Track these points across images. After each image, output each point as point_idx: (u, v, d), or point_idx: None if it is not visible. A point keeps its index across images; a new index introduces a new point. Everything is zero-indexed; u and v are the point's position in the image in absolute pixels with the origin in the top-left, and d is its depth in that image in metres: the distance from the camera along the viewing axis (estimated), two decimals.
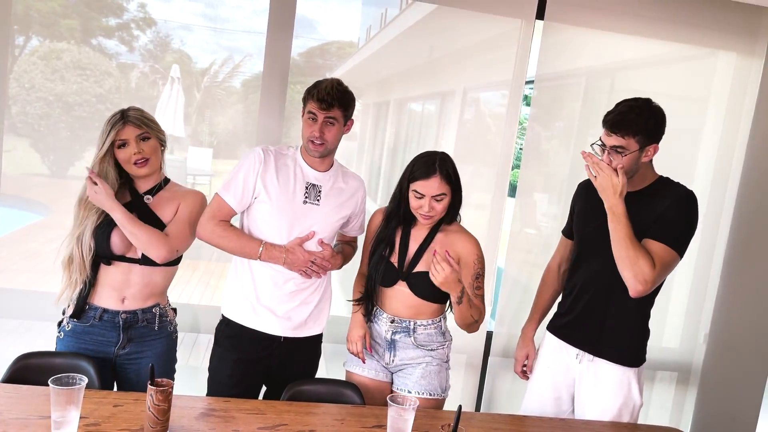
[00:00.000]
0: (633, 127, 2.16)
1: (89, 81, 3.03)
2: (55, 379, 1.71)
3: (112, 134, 2.18)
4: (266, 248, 2.31)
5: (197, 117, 3.24)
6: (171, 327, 2.38)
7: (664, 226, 2.20)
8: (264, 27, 3.04)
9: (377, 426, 2.04)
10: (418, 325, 2.37)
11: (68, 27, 2.97)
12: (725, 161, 3.44)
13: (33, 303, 3.01)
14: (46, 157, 3.07)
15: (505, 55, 3.33)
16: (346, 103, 2.34)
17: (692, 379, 3.60)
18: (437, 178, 2.24)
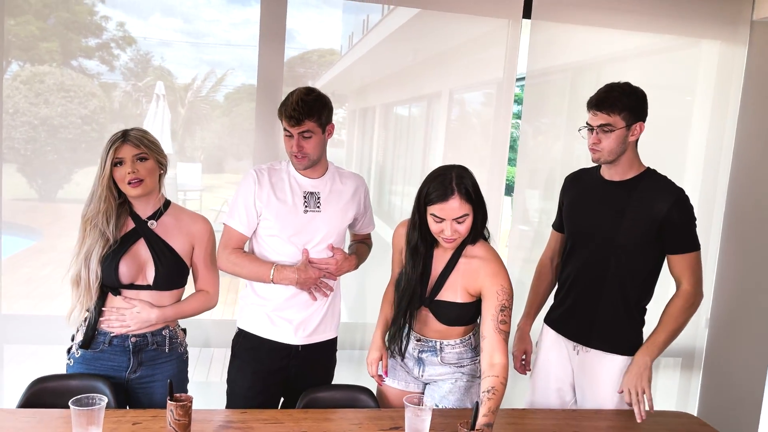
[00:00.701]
0: (618, 104, 2.22)
1: (73, 102, 3.02)
2: (75, 401, 1.75)
3: (111, 153, 2.17)
4: (277, 270, 2.33)
5: (183, 132, 3.23)
6: (181, 348, 2.37)
7: (678, 236, 2.27)
8: (244, 39, 3.05)
9: (394, 428, 2.05)
10: (445, 345, 2.27)
11: (48, 50, 2.96)
12: (715, 148, 3.45)
13: (35, 328, 3.02)
14: (34, 182, 3.06)
15: (491, 54, 3.33)
16: (318, 112, 2.29)
17: (696, 363, 3.62)
18: (456, 199, 2.05)
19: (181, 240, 2.29)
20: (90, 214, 2.21)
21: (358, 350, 3.21)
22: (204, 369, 3.26)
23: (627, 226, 2.28)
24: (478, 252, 2.19)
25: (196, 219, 2.36)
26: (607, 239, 2.32)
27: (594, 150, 2.30)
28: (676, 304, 2.29)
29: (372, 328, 2.87)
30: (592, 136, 2.29)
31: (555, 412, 2.35)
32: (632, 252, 2.30)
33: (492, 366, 2.01)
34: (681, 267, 2.30)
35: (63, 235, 3.22)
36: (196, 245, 2.33)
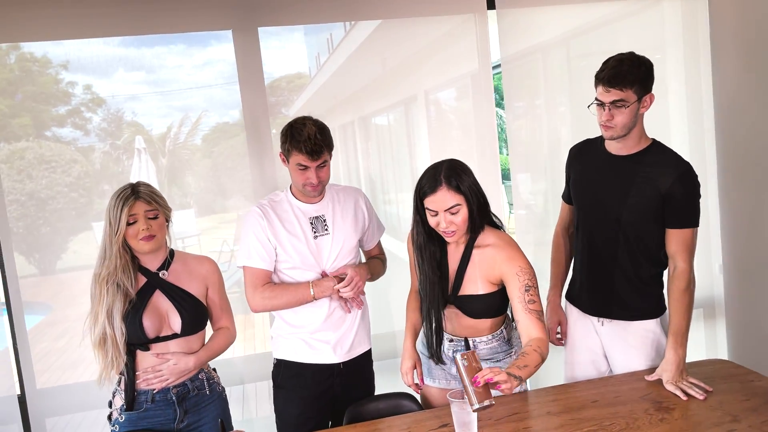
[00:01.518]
0: (629, 77, 2.15)
1: (56, 172, 3.03)
2: None
3: (126, 211, 2.16)
4: (315, 285, 2.36)
5: (169, 182, 3.23)
6: (219, 387, 2.39)
7: (680, 212, 2.24)
8: (208, 79, 3.08)
9: (443, 426, 2.06)
10: (478, 342, 2.26)
11: (20, 125, 2.98)
12: (695, 98, 3.48)
13: (71, 397, 3.03)
14: (32, 257, 3.06)
15: (461, 48, 3.35)
16: (331, 141, 2.37)
17: (717, 311, 3.63)
18: (444, 189, 2.08)
19: (195, 283, 2.32)
20: (105, 272, 2.19)
21: (390, 360, 3.22)
22: (238, 407, 3.25)
23: (633, 202, 2.26)
24: (489, 240, 2.20)
25: (202, 261, 2.39)
26: (615, 216, 2.30)
27: (607, 127, 2.22)
28: (679, 288, 2.25)
29: (400, 335, 2.89)
30: (604, 113, 2.20)
31: (593, 382, 2.36)
32: (640, 227, 2.29)
33: (529, 342, 2.06)
34: (678, 243, 2.26)
35: (71, 304, 3.23)
36: (209, 286, 2.36)
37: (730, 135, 3.41)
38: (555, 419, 2.04)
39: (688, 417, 1.98)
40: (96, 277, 2.21)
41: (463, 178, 2.10)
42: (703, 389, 2.15)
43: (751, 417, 1.95)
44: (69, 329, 3.21)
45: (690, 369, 2.26)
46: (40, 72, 2.98)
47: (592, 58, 3.52)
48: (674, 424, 1.95)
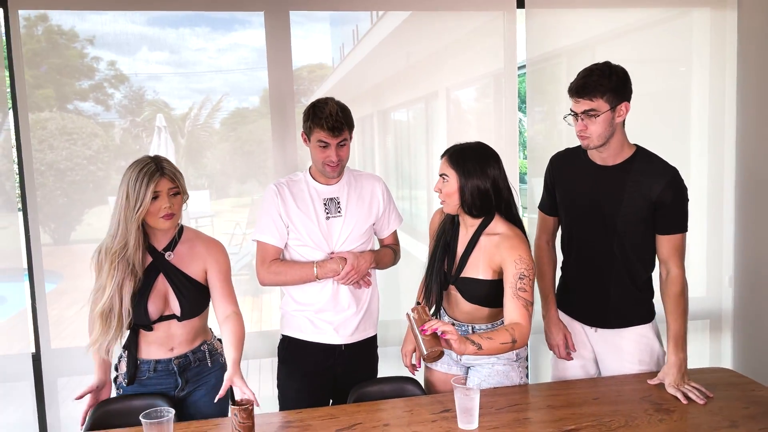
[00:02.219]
0: (599, 88, 2.16)
1: (77, 145, 3.07)
2: (145, 415, 1.85)
3: (152, 186, 2.11)
4: (319, 266, 2.42)
5: (186, 162, 3.26)
6: (222, 359, 2.38)
7: (671, 217, 2.25)
8: (231, 64, 3.11)
9: (445, 410, 2.11)
10: (477, 329, 2.31)
11: (44, 96, 3.02)
12: (718, 111, 3.44)
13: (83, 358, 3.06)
14: (47, 227, 3.11)
15: (486, 47, 3.33)
16: (351, 122, 2.43)
17: (724, 323, 3.61)
18: (445, 158, 2.26)
19: (196, 267, 2.29)
20: (118, 246, 2.14)
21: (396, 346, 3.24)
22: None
23: (626, 212, 2.26)
24: (500, 229, 2.25)
25: (210, 244, 2.33)
26: (608, 225, 2.30)
27: (582, 137, 2.25)
28: (675, 293, 2.27)
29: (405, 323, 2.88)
30: (578, 123, 2.24)
31: (595, 380, 2.41)
32: (633, 235, 2.29)
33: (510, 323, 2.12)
34: (669, 248, 2.27)
35: (82, 276, 3.26)
36: (210, 269, 2.30)
37: (751, 149, 3.38)
38: (555, 412, 2.09)
39: (686, 420, 2.02)
40: (107, 251, 2.16)
41: (467, 159, 2.20)
42: (704, 394, 2.16)
43: (749, 423, 1.98)
44: (79, 299, 3.24)
45: (692, 376, 2.28)
46: (66, 45, 3.02)
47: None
48: (672, 426, 1.98)
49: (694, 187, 3.53)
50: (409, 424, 2.03)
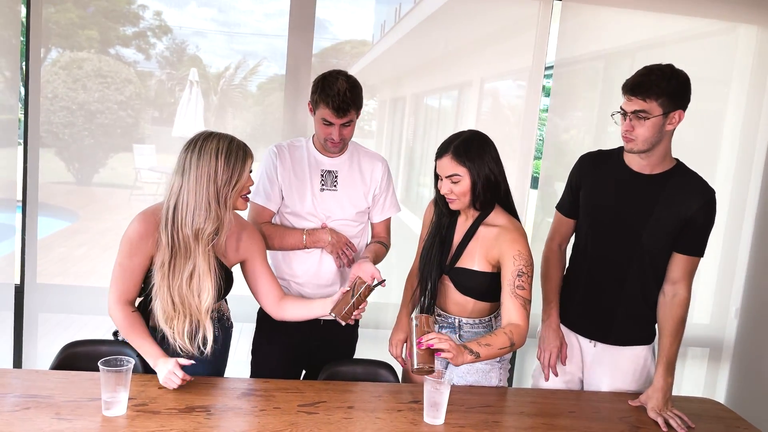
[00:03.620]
0: (655, 89, 2.02)
1: (110, 89, 3.08)
2: (104, 362, 1.80)
3: (249, 162, 2.00)
4: (309, 233, 2.38)
5: (216, 120, 3.27)
6: (228, 323, 2.30)
7: (697, 239, 2.16)
8: (276, 30, 3.07)
9: (413, 401, 2.07)
10: (464, 323, 2.27)
11: (87, 37, 3.02)
12: (750, 136, 3.40)
13: (68, 298, 3.13)
14: (71, 165, 3.13)
15: (523, 41, 3.30)
16: (359, 102, 2.33)
17: (724, 354, 3.59)
18: (448, 158, 2.10)
19: (234, 256, 2.18)
20: (212, 228, 1.98)
21: (380, 330, 3.23)
22: None
23: (653, 226, 2.16)
24: (499, 221, 2.19)
25: (252, 234, 2.21)
26: (633, 238, 2.19)
27: (627, 138, 2.11)
28: (679, 316, 2.17)
29: (393, 308, 2.90)
30: (625, 123, 2.09)
31: (575, 393, 2.34)
32: (657, 252, 2.20)
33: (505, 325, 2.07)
34: (685, 269, 2.18)
35: (97, 218, 3.32)
36: (254, 259, 2.20)
37: None
38: (527, 420, 2.04)
39: None
40: (198, 232, 1.96)
41: (473, 152, 2.10)
42: (686, 424, 2.08)
43: None
44: (90, 240, 3.30)
45: (679, 402, 2.22)
46: None
47: None
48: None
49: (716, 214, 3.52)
50: (374, 410, 2.00)
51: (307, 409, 1.96)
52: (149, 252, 2.02)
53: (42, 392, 1.92)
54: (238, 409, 1.94)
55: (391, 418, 1.96)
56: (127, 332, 2.05)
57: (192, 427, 1.79)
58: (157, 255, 2.00)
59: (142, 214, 2.04)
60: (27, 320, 3.06)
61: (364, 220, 2.52)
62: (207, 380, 2.09)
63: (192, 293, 1.99)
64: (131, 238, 2.01)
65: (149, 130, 3.23)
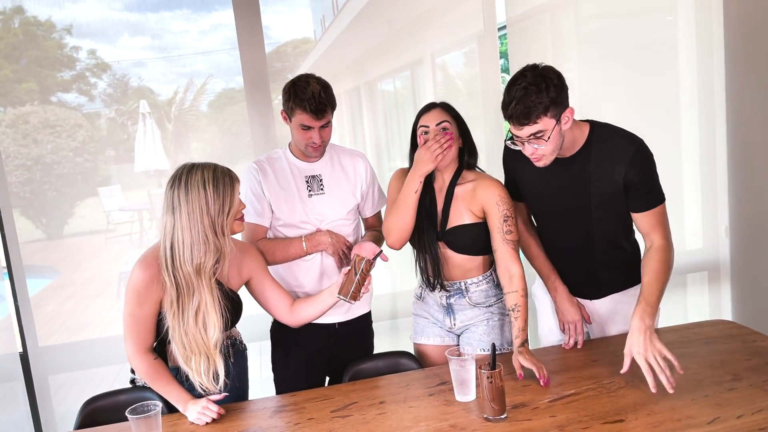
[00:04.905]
0: (539, 107, 1.93)
1: (62, 137, 3.02)
2: (131, 410, 1.78)
3: (237, 187, 2.01)
4: (308, 239, 2.37)
5: (175, 147, 3.23)
6: (242, 347, 2.31)
7: (643, 194, 2.08)
8: (215, 45, 3.05)
9: (441, 383, 2.10)
10: (469, 284, 2.35)
11: (26, 90, 2.96)
12: (706, 57, 3.40)
13: (74, 355, 3.08)
14: (39, 222, 3.08)
15: (468, 8, 3.27)
16: (333, 102, 2.33)
17: (723, 274, 3.62)
18: (438, 110, 2.28)
19: (237, 279, 2.16)
20: (212, 261, 1.97)
21: (396, 320, 3.26)
22: None
23: (596, 201, 2.12)
24: (469, 177, 2.32)
25: (247, 251, 2.21)
26: (583, 214, 2.17)
27: (535, 159, 2.05)
28: (656, 258, 2.07)
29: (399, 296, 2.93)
30: (525, 148, 2.02)
31: (593, 342, 2.34)
32: (609, 218, 2.16)
33: (510, 280, 2.21)
34: (649, 223, 2.11)
35: (78, 269, 3.26)
36: (256, 276, 2.20)
37: (742, 96, 3.35)
38: (554, 377, 2.05)
39: (688, 376, 1.97)
40: (198, 267, 1.95)
41: (455, 113, 2.31)
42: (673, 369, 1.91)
43: (752, 376, 1.95)
44: (75, 293, 3.24)
45: (692, 329, 2.23)
46: (45, 36, 2.95)
47: (604, 20, 3.48)
48: (674, 382, 1.91)
49: (687, 139, 3.53)
50: (405, 400, 2.01)
51: (341, 413, 1.98)
52: (158, 297, 2.00)
53: None
54: (274, 427, 1.94)
55: (424, 404, 1.98)
56: (153, 380, 2.02)
57: None
58: (165, 297, 1.98)
59: (142, 260, 2.01)
60: (38, 386, 3.02)
61: (355, 217, 2.53)
62: (235, 406, 2.09)
63: (198, 329, 1.97)
64: (137, 287, 1.98)
65: (110, 171, 3.18)
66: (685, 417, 1.76)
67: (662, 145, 3.50)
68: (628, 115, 3.24)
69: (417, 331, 2.49)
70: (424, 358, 2.46)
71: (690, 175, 3.53)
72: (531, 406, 1.89)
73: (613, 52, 3.35)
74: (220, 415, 1.98)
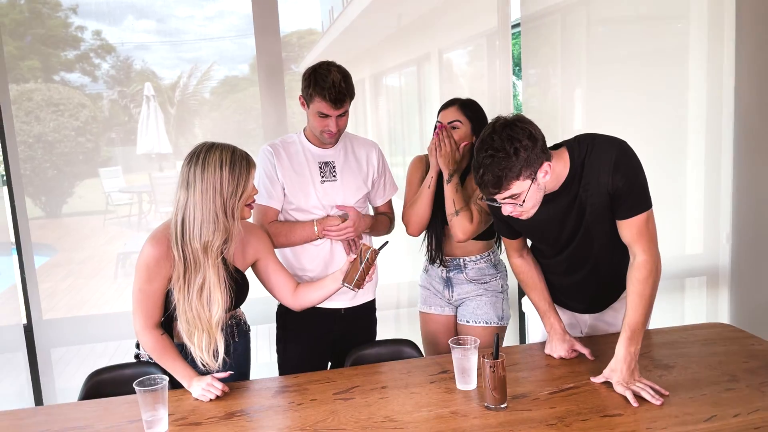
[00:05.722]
0: (511, 174, 1.83)
1: (65, 116, 3.02)
2: (139, 382, 1.80)
3: (253, 172, 2.01)
4: (319, 223, 2.38)
5: (176, 132, 3.22)
6: (245, 327, 2.32)
7: (628, 200, 1.95)
8: (220, 32, 3.04)
9: (442, 372, 2.14)
10: (468, 261, 2.60)
11: (29, 68, 2.96)
12: (716, 65, 3.40)
13: (76, 329, 3.11)
14: (38, 200, 3.08)
15: (479, 5, 3.26)
16: (352, 91, 2.34)
17: (721, 280, 3.63)
18: (453, 108, 2.50)
19: (244, 259, 2.18)
20: (220, 240, 1.99)
21: (399, 309, 3.29)
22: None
23: (592, 219, 2.01)
24: None
25: (257, 234, 2.22)
26: (584, 239, 2.08)
27: (517, 215, 1.96)
28: (637, 278, 1.97)
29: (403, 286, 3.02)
30: (504, 208, 1.93)
31: (593, 338, 2.33)
32: (607, 234, 2.05)
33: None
34: (632, 232, 1.98)
35: (76, 248, 3.27)
36: (264, 258, 2.21)
37: (750, 104, 3.34)
38: (554, 371, 2.09)
39: (686, 375, 2.01)
40: (207, 245, 1.97)
41: (474, 108, 2.51)
42: (659, 393, 1.88)
43: (749, 378, 1.97)
44: (74, 271, 3.25)
45: (691, 331, 2.26)
46: (50, 15, 2.95)
47: (613, 25, 3.45)
48: (672, 381, 1.96)
49: (693, 144, 3.51)
50: (407, 386, 2.04)
51: (343, 395, 2.00)
52: (167, 273, 2.02)
53: (79, 423, 1.91)
54: (277, 407, 1.97)
55: (425, 390, 2.01)
56: (159, 356, 2.06)
57: (238, 431, 1.82)
58: (174, 272, 2.00)
59: (153, 237, 2.03)
60: (40, 357, 3.06)
61: (365, 205, 2.56)
62: (238, 385, 2.12)
63: (203, 306, 2.00)
64: (147, 263, 2.00)
65: (112, 152, 3.18)
66: (683, 414, 1.78)
67: (668, 150, 3.51)
68: (635, 119, 3.23)
69: (421, 301, 2.74)
70: (425, 325, 2.72)
71: (694, 181, 3.53)
72: (531, 397, 1.92)
73: (622, 57, 3.34)
74: (223, 392, 2.01)
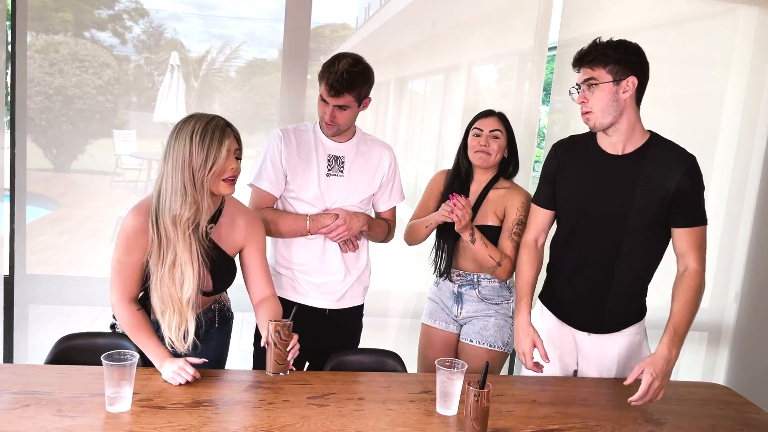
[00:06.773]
0: (601, 57, 2.02)
1: (88, 73, 3.02)
2: (107, 356, 1.74)
3: (226, 143, 1.89)
4: (312, 219, 2.34)
5: (197, 105, 3.21)
6: (229, 313, 2.28)
7: (691, 209, 2.07)
8: (252, 13, 3.02)
9: (424, 392, 2.06)
10: (482, 278, 2.54)
11: (61, 20, 2.95)
12: (750, 120, 3.35)
13: (58, 288, 3.09)
14: (49, 152, 3.07)
15: (516, 23, 3.24)
16: (359, 87, 2.26)
17: (723, 338, 3.58)
18: (495, 118, 2.53)
19: (233, 243, 2.11)
20: (190, 213, 1.90)
21: (387, 318, 3.24)
22: None
23: (639, 205, 2.07)
24: (504, 184, 2.56)
25: (251, 220, 2.14)
26: (620, 221, 2.11)
27: (584, 113, 2.08)
28: (690, 286, 2.05)
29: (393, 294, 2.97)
30: (578, 96, 2.08)
31: (585, 380, 2.29)
32: (646, 232, 2.11)
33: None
34: (690, 242, 2.07)
35: (78, 206, 3.26)
36: (249, 247, 2.13)
37: None
38: (540, 409, 2.01)
39: None
40: (176, 218, 1.89)
41: (508, 125, 2.55)
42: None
43: None
44: (72, 228, 3.24)
45: (687, 387, 2.20)
46: None
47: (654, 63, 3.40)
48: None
49: (714, 197, 3.46)
50: (385, 401, 1.96)
51: (317, 401, 1.93)
52: (146, 246, 1.95)
53: (41, 388, 1.86)
54: (246, 402, 1.90)
55: (403, 409, 1.93)
56: (133, 331, 2.00)
57: (200, 422, 1.74)
58: (151, 246, 1.94)
59: (136, 208, 1.97)
60: (17, 312, 3.02)
61: (368, 208, 2.51)
62: (212, 373, 2.05)
63: (173, 283, 1.92)
64: (127, 233, 1.95)
65: (129, 116, 3.17)
66: None
67: None
68: None
69: (427, 313, 2.70)
70: (425, 336, 2.68)
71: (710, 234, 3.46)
72: None
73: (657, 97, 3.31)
74: (194, 378, 1.95)
